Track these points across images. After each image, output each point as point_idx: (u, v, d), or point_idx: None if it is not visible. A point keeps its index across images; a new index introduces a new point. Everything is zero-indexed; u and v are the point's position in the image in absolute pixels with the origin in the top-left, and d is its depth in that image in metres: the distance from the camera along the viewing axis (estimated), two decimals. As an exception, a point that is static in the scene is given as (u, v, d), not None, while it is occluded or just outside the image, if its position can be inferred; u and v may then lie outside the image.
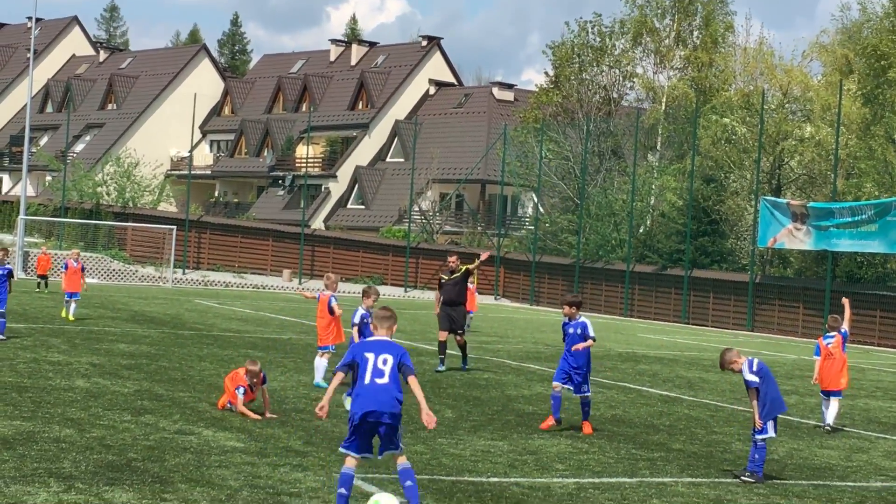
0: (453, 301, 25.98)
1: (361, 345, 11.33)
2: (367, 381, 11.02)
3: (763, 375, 14.85)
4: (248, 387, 17.66)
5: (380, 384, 10.99)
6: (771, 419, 14.78)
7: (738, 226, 62.42)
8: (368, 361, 11.09)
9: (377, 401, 10.94)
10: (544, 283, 67.38)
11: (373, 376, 11.01)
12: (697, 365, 32.35)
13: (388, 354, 11.14)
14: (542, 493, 12.92)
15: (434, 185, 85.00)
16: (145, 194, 77.50)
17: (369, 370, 11.05)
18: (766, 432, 14.74)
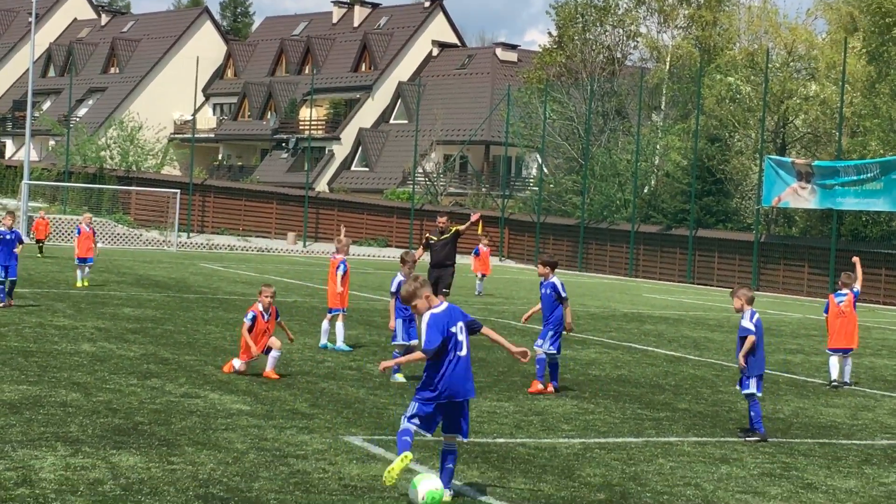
0: (441, 262, 25.40)
1: (446, 318, 10.47)
2: (452, 358, 10.43)
3: (758, 331, 14.84)
4: (260, 313, 17.74)
5: (462, 358, 10.43)
6: (756, 377, 14.75)
7: (743, 185, 62.33)
8: (456, 335, 10.46)
9: (465, 378, 10.42)
10: (549, 244, 67.33)
11: (456, 350, 10.42)
12: (703, 325, 32.35)
13: (462, 321, 10.56)
14: (548, 454, 12.93)
15: (438, 147, 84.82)
16: (149, 158, 77.47)
17: (453, 344, 10.43)
18: (749, 388, 14.74)
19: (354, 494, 10.54)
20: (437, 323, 10.40)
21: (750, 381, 14.82)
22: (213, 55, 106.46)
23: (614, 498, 11.04)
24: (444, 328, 10.38)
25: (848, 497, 11.65)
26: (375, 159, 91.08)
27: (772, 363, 23.51)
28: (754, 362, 14.84)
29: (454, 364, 10.40)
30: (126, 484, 10.42)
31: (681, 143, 64.59)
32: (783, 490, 11.79)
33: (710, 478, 12.17)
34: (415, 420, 10.45)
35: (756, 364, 14.85)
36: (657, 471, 12.37)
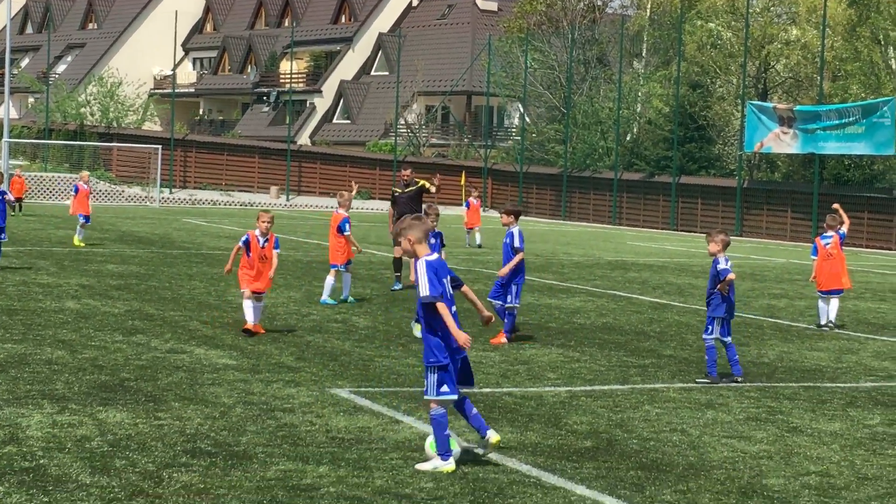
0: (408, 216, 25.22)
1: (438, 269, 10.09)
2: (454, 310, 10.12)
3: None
4: (255, 236, 17.48)
5: (454, 312, 10.10)
6: (722, 319, 14.80)
7: (725, 131, 62.33)
8: (447, 287, 10.13)
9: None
10: (532, 194, 67.32)
11: (450, 305, 10.08)
12: (687, 271, 32.43)
13: (448, 276, 10.25)
14: (534, 403, 12.97)
15: (419, 98, 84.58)
16: (129, 114, 77.12)
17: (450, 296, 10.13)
18: (713, 332, 14.78)
19: (342, 446, 10.56)
20: (432, 269, 10.11)
21: (715, 325, 14.84)
22: (191, 9, 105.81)
23: (601, 445, 11.08)
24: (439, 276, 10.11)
25: (833, 439, 11.72)
26: (357, 112, 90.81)
27: (756, 308, 23.60)
28: (725, 306, 14.84)
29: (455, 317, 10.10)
30: (113, 440, 10.43)
31: (662, 90, 64.50)
32: (768, 434, 11.85)
33: (695, 423, 12.23)
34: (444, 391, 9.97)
35: (728, 307, 14.88)
36: (643, 417, 12.42)
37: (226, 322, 18.26)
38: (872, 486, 10.01)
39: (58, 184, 61.63)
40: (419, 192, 24.87)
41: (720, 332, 14.86)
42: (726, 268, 14.81)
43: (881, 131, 48.49)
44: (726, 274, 14.75)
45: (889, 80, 53.35)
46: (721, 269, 14.81)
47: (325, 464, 9.91)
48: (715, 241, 14.98)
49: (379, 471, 9.76)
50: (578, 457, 10.58)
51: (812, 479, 10.11)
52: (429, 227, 10.46)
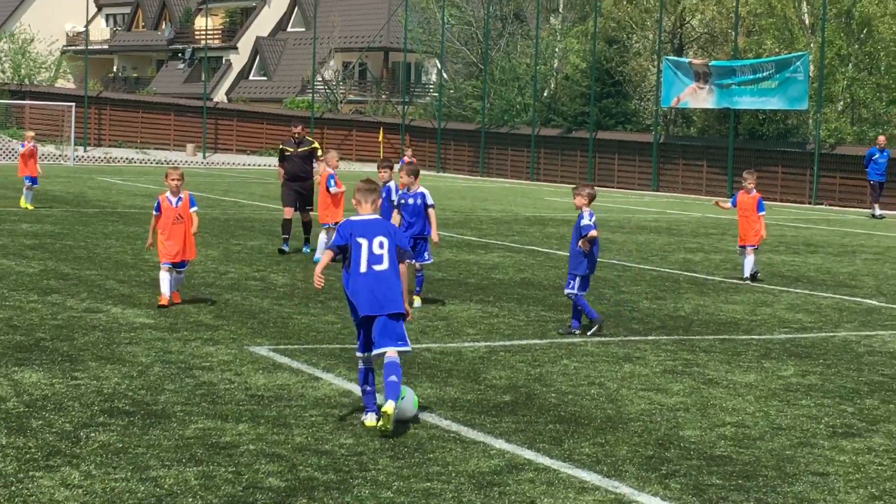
0: (298, 175, 23.51)
1: (350, 225, 10.14)
2: (364, 270, 9.99)
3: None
4: (165, 198, 16.01)
5: (378, 272, 9.98)
6: (582, 276, 14.85)
7: (642, 87, 62.63)
8: (362, 247, 10.02)
9: (379, 293, 9.92)
10: (450, 150, 67.30)
11: (369, 263, 9.99)
12: (603, 226, 32.57)
13: (383, 237, 10.08)
14: (453, 358, 13.03)
15: (336, 55, 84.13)
16: (42, 71, 76.05)
17: (364, 256, 10.01)
18: (573, 288, 14.86)
19: (261, 404, 10.55)
20: (342, 229, 10.18)
21: (576, 280, 14.85)
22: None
23: (520, 399, 11.16)
24: (347, 235, 10.08)
25: (748, 391, 11.88)
26: (274, 68, 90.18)
27: (672, 262, 23.83)
28: (587, 263, 14.87)
29: (366, 277, 9.96)
30: (29, 401, 10.33)
31: (579, 46, 64.64)
32: (685, 386, 12.00)
33: (613, 377, 12.34)
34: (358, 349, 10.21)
35: (590, 264, 14.92)
36: (561, 371, 12.51)
37: (142, 281, 18.12)
38: (787, 435, 10.17)
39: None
40: (312, 152, 23.78)
41: (580, 288, 14.85)
42: (589, 223, 14.71)
43: (795, 86, 48.94)
44: (588, 230, 14.69)
45: (803, 36, 53.86)
46: (584, 224, 14.71)
47: (245, 422, 9.90)
48: (581, 195, 14.88)
49: (299, 428, 9.76)
50: (498, 411, 10.65)
51: (728, 430, 10.26)
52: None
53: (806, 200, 49.29)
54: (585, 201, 14.87)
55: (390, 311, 9.96)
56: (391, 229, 10.27)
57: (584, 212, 14.80)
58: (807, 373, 12.94)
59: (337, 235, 10.17)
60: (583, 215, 14.79)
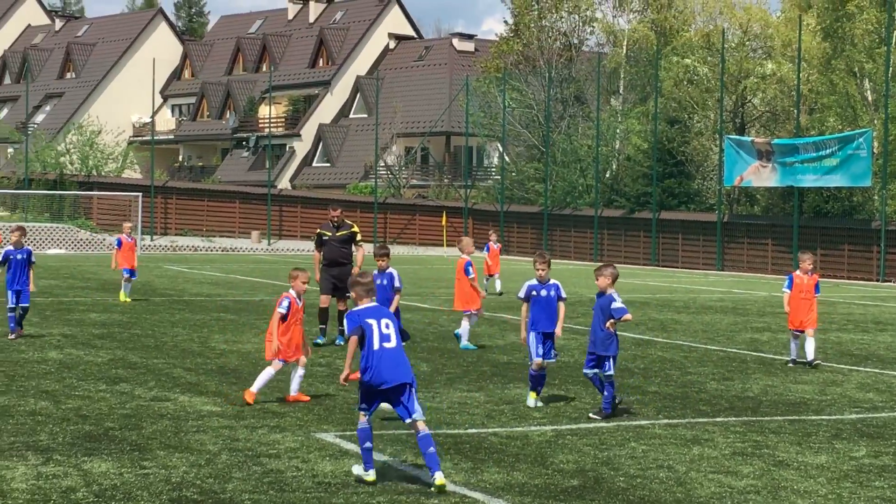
0: (337, 261, 22.26)
1: (360, 313, 11.17)
2: (377, 348, 10.95)
3: None
4: (294, 299, 15.54)
5: (388, 349, 10.96)
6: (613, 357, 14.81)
7: (704, 166, 62.57)
8: (372, 328, 10.99)
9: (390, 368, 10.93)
10: (513, 233, 67.42)
11: (381, 341, 10.95)
12: (669, 307, 32.46)
13: (389, 319, 11.11)
14: (520, 442, 12.96)
15: (398, 140, 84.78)
16: (109, 162, 77.09)
17: (376, 336, 10.97)
18: (610, 369, 14.83)
19: (328, 491, 10.54)
20: (351, 316, 11.21)
21: (610, 361, 14.71)
22: (169, 56, 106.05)
23: (588, 483, 11.07)
24: (359, 320, 11.09)
25: (819, 472, 11.73)
26: (336, 154, 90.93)
27: (739, 342, 23.63)
28: (616, 343, 14.78)
29: (378, 354, 10.95)
30: (99, 490, 10.38)
31: (640, 127, 64.76)
32: (755, 468, 11.86)
33: (682, 459, 12.23)
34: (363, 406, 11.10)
35: (617, 344, 14.85)
36: (629, 454, 12.41)
37: (209, 369, 18.22)
38: (860, 518, 10.01)
39: (38, 234, 61.51)
40: (351, 236, 22.53)
41: (611, 368, 14.71)
42: (622, 306, 14.60)
43: (857, 163, 48.74)
44: (623, 313, 14.54)
45: (865, 112, 53.67)
46: (616, 307, 14.54)
47: (312, 509, 9.87)
48: (604, 276, 14.69)
49: (366, 515, 9.73)
50: (566, 496, 10.57)
51: (799, 513, 10.11)
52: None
53: (873, 278, 48.84)
54: (609, 281, 14.70)
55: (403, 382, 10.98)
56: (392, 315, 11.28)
57: (612, 293, 14.68)
58: (879, 453, 12.75)
59: (350, 322, 11.11)
60: (613, 297, 14.64)
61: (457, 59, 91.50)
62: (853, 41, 54.24)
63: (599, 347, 14.71)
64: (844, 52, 54.51)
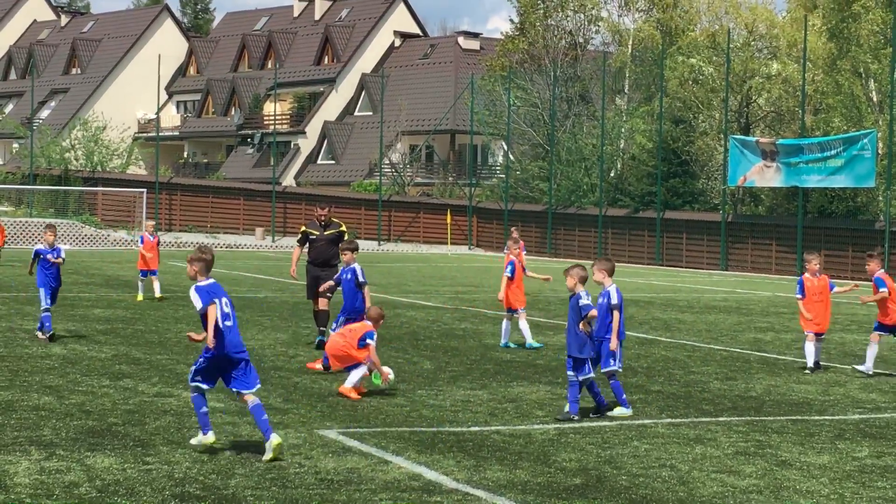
0: (326, 262, 21.40)
1: (207, 289, 12.16)
2: (221, 325, 11.99)
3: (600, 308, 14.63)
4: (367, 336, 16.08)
5: (229, 326, 12.06)
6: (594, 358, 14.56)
7: (709, 166, 62.54)
8: (217, 305, 12.07)
9: (232, 344, 12.05)
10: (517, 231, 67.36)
11: (223, 319, 12.00)
12: (673, 306, 32.45)
13: (227, 298, 12.26)
14: (523, 440, 12.97)
15: (403, 138, 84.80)
16: (114, 158, 77.11)
17: (219, 314, 12.04)
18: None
19: (331, 488, 10.55)
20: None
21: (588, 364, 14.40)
22: (174, 53, 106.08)
23: (590, 482, 11.08)
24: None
25: (822, 473, 11.73)
26: (341, 152, 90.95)
27: (742, 342, 23.63)
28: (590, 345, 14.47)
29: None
30: (101, 486, 10.40)
31: (645, 126, 64.74)
32: (758, 468, 11.86)
33: (684, 458, 12.23)
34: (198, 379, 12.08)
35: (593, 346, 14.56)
36: (632, 453, 12.42)
37: (213, 365, 18.21)
38: (862, 518, 10.02)
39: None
40: (339, 235, 21.37)
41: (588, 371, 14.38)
42: (589, 303, 14.33)
43: (862, 164, 48.70)
44: (587, 310, 14.29)
45: (870, 113, 53.62)
46: (583, 304, 14.28)
47: (315, 506, 9.89)
48: (571, 276, 14.44)
49: (368, 512, 9.74)
50: (568, 494, 10.58)
51: (802, 513, 10.12)
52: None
53: (877, 278, 48.78)
54: (575, 281, 14.40)
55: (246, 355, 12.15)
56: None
57: (581, 292, 14.36)
58: (882, 454, 12.76)
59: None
60: (580, 296, 14.35)
61: (462, 58, 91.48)
62: (859, 41, 54.19)
63: (574, 350, 14.36)
64: (850, 52, 54.45)
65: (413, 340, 22.18)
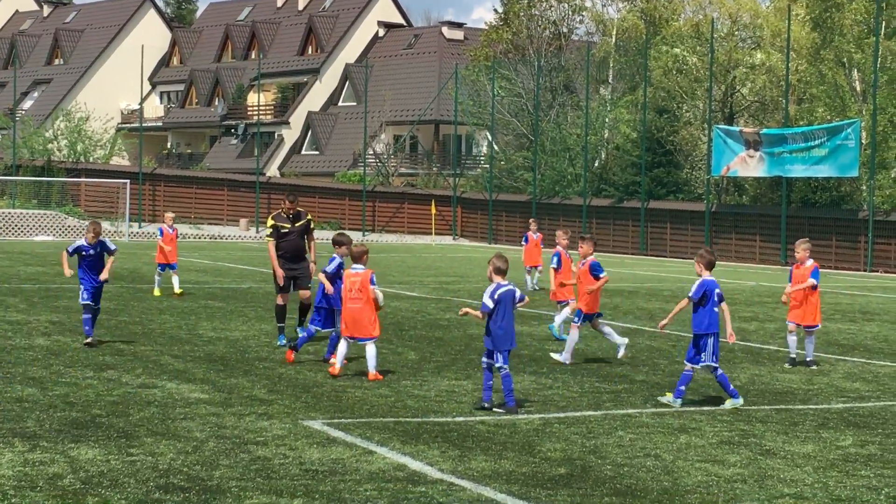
0: (299, 255, 20.44)
1: None
2: None
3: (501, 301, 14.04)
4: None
5: None
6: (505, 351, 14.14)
7: (693, 155, 62.60)
8: None
9: None
10: (502, 221, 67.43)
11: None
12: (657, 296, 32.49)
13: None
14: (508, 431, 12.97)
15: (387, 128, 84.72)
16: (97, 149, 76.89)
17: None
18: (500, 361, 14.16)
19: (316, 479, 10.54)
20: None
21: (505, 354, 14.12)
22: (157, 43, 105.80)
23: (575, 472, 11.09)
24: None
25: (806, 461, 11.75)
26: (325, 142, 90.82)
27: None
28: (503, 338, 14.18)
29: None
30: (86, 477, 10.37)
31: (629, 116, 64.78)
32: (742, 457, 11.88)
33: (669, 448, 12.24)
34: None
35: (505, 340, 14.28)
36: (617, 443, 12.43)
37: (197, 356, 18.20)
38: (846, 507, 10.04)
39: (26, 220, 61.47)
40: (308, 228, 20.66)
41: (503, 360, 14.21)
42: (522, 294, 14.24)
43: (845, 153, 48.81)
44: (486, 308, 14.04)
45: (854, 103, 53.73)
46: (519, 295, 14.10)
47: (300, 497, 9.88)
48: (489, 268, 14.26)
49: (353, 502, 9.74)
50: (553, 484, 10.58)
51: (786, 502, 10.14)
52: None
53: (861, 268, 48.94)
54: (489, 272, 14.20)
55: None
56: None
57: (500, 282, 14.16)
58: (866, 443, 12.79)
59: None
60: (500, 285, 14.16)
61: (446, 48, 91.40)
62: (842, 31, 54.29)
63: (509, 343, 14.19)
64: (833, 42, 54.55)
65: (397, 331, 22.17)
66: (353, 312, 16.36)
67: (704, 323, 14.90)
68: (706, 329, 14.87)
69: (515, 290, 14.17)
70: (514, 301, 14.11)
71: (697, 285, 15.06)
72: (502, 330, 14.06)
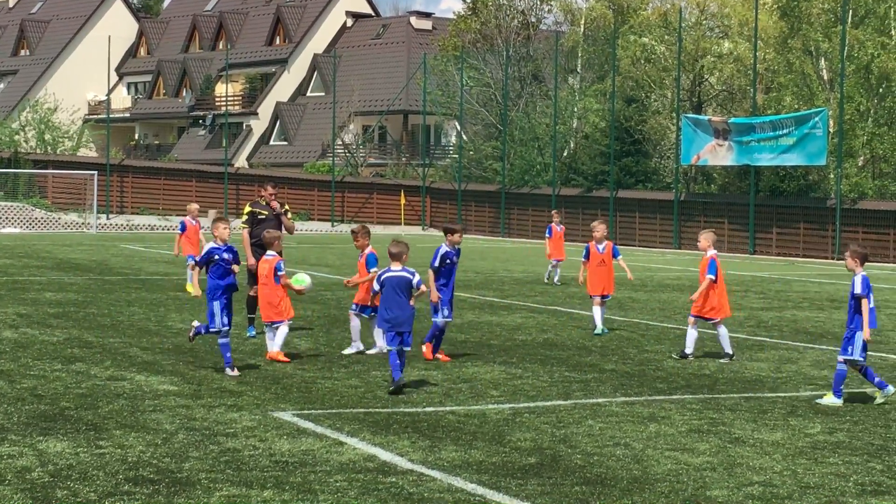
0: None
1: None
2: None
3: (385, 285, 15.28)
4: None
5: None
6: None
7: (661, 145, 62.71)
8: None
9: None
10: (471, 211, 67.43)
11: None
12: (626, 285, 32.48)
13: None
14: (478, 420, 12.98)
15: (356, 118, 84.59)
16: (64, 140, 76.53)
17: None
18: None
19: (286, 470, 10.52)
20: None
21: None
22: (125, 34, 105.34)
23: (545, 461, 11.10)
24: None
25: (775, 449, 11.80)
26: (294, 133, 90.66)
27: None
28: None
29: None
30: (54, 470, 10.33)
31: (598, 105, 64.84)
32: (711, 445, 11.92)
33: (639, 437, 12.28)
34: None
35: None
36: (587, 432, 12.45)
37: (166, 348, 18.15)
38: (815, 494, 10.09)
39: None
40: (283, 213, 20.60)
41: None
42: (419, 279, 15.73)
43: (813, 142, 48.97)
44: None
45: (821, 91, 53.93)
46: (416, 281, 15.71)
47: (270, 488, 9.87)
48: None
49: (324, 493, 9.73)
50: (523, 474, 10.60)
51: (755, 490, 10.18)
52: None
53: (829, 256, 49.16)
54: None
55: None
56: None
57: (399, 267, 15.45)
58: (834, 430, 12.85)
59: None
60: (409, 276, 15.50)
61: (414, 38, 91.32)
62: (810, 20, 54.44)
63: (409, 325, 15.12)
64: (801, 31, 54.70)
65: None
66: (266, 296, 17.21)
67: (871, 318, 14.27)
68: (871, 325, 14.28)
69: (409, 278, 15.31)
70: (404, 287, 15.21)
71: (863, 281, 14.26)
72: (387, 312, 15.04)
